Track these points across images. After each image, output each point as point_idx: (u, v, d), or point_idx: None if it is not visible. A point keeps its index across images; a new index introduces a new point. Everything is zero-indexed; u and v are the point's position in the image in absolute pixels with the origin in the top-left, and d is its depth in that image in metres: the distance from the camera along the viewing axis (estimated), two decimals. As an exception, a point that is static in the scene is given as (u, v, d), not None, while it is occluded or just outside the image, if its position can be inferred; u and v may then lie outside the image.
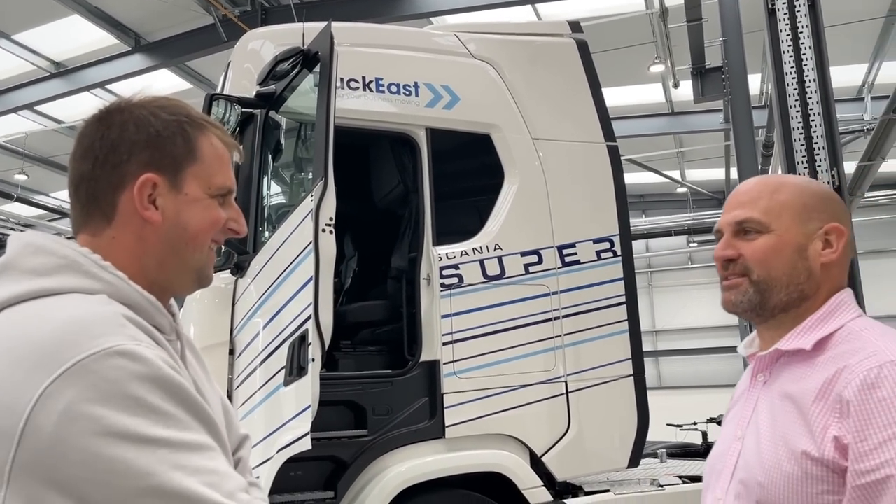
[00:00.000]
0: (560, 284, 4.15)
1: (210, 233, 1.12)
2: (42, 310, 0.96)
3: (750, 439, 1.28)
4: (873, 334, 1.22)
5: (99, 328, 0.92)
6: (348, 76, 3.93)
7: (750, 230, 1.33)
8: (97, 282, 1.00)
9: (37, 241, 1.03)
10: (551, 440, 3.99)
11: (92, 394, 0.86)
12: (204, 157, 1.12)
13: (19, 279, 0.99)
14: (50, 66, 11.20)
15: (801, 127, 3.82)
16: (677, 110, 13.17)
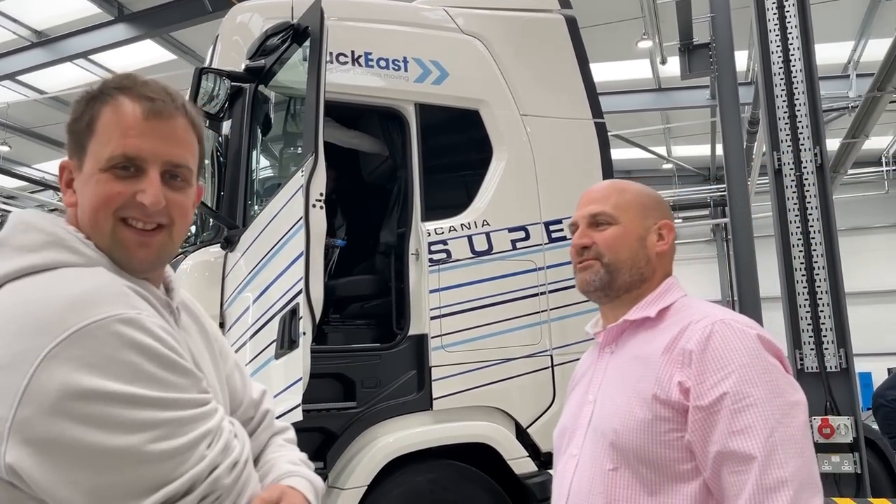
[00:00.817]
0: (546, 260, 4.20)
1: (104, 210, 1.07)
2: (45, 283, 1.00)
3: (603, 397, 1.50)
4: (701, 304, 1.53)
5: (107, 297, 0.98)
6: (337, 50, 3.92)
7: (602, 222, 1.58)
8: (80, 257, 1.05)
9: (27, 219, 1.08)
10: (536, 412, 4.07)
11: (92, 359, 0.91)
12: (100, 129, 1.09)
13: (11, 256, 1.03)
14: (31, 35, 11.01)
15: (785, 105, 3.87)
16: (664, 86, 13.17)
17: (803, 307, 4.31)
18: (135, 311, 0.99)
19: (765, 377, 1.30)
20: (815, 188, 4.06)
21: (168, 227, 1.12)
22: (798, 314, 4.35)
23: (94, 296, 0.98)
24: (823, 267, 4.24)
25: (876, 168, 16.42)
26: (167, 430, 0.94)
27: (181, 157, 1.13)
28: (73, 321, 0.93)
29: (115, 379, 0.92)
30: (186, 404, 0.98)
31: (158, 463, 0.92)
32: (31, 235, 1.05)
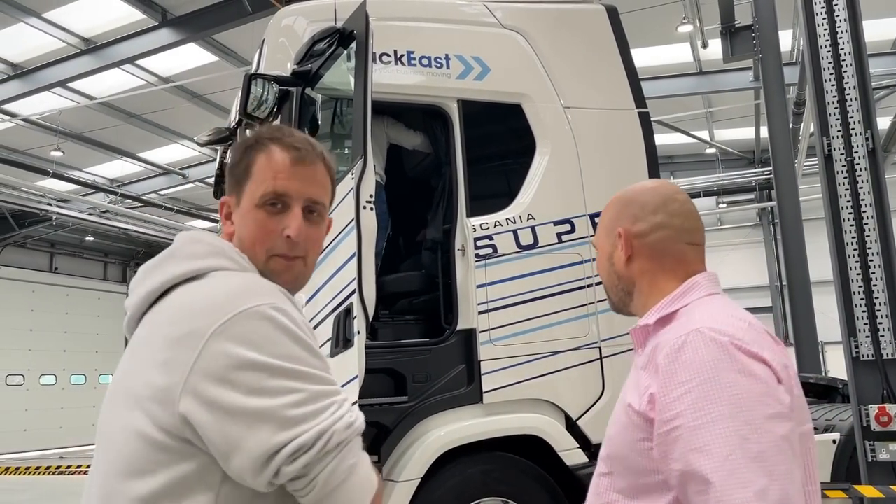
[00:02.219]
0: (593, 252, 4.21)
1: (260, 245, 1.30)
2: (211, 281, 1.23)
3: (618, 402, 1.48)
4: (700, 308, 1.39)
5: (263, 290, 1.21)
6: (380, 50, 3.98)
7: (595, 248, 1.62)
8: (237, 264, 1.27)
9: (195, 234, 1.33)
10: (586, 404, 4.09)
11: (250, 336, 1.13)
12: (256, 172, 1.32)
13: (181, 261, 1.26)
14: (80, 42, 11.33)
15: (834, 89, 3.79)
16: (706, 69, 12.95)
17: (857, 294, 4.23)
18: (285, 303, 1.20)
19: (729, 392, 1.20)
20: (867, 173, 3.98)
21: (304, 258, 1.34)
22: (852, 301, 4.27)
23: (252, 288, 1.20)
24: (878, 253, 4.15)
25: (930, 145, 15.86)
26: (304, 397, 1.13)
27: (319, 195, 1.35)
28: (236, 305, 1.15)
29: (267, 354, 1.12)
30: (320, 380, 1.18)
31: (295, 424, 1.11)
32: (198, 246, 1.28)
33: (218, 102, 13.57)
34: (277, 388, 1.11)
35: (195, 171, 16.91)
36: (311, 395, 1.14)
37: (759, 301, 18.62)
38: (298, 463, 1.10)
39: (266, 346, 1.12)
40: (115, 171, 16.99)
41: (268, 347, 1.13)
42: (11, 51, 11.50)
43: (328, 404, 1.16)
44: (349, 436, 1.17)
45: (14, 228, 17.64)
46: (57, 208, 16.01)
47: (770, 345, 1.31)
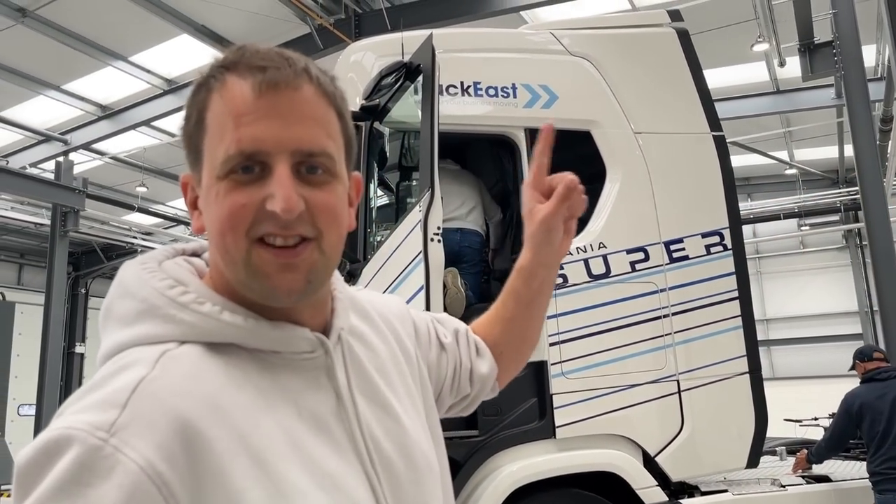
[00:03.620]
0: (668, 281, 4.07)
1: (231, 232, 0.79)
2: (104, 373, 0.78)
3: None
4: None
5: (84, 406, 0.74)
6: (447, 82, 3.99)
7: None
8: (176, 325, 0.80)
9: (126, 279, 0.85)
10: (664, 440, 3.93)
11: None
12: (210, 124, 0.82)
13: (110, 331, 0.83)
14: (163, 83, 11.90)
15: (928, 107, 3.56)
16: (783, 88, 12.51)
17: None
18: (82, 428, 0.70)
19: None
20: (967, 194, 3.70)
21: (315, 239, 0.81)
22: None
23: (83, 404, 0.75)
24: (982, 279, 3.85)
25: None
26: None
27: (315, 140, 0.81)
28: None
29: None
30: None
31: None
32: (126, 303, 0.84)
33: (291, 136, 13.96)
34: None
35: (270, 202, 17.41)
36: None
37: (847, 328, 17.66)
38: None
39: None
40: (195, 204, 17.68)
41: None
42: (100, 93, 12.17)
43: None
44: None
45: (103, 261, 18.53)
46: (142, 241, 16.74)
47: None
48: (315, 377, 0.87)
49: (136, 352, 0.79)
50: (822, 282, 18.08)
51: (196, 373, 0.78)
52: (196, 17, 10.23)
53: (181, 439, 0.72)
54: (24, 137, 13.10)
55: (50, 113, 12.39)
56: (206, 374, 0.79)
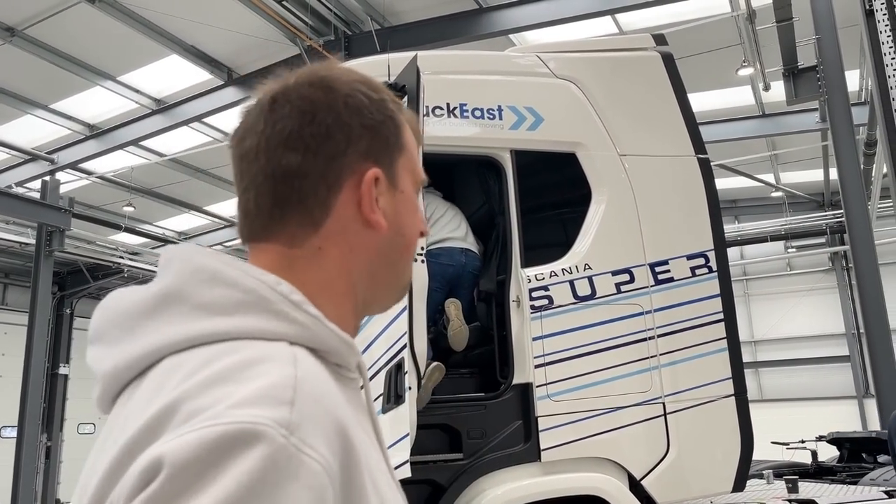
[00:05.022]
0: (654, 303, 4.07)
1: (415, 244, 0.91)
2: (236, 364, 0.70)
3: None
4: None
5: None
6: (433, 103, 4.00)
7: None
8: (289, 324, 0.75)
9: (211, 266, 0.78)
10: (650, 463, 3.90)
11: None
12: (408, 145, 0.91)
13: (190, 317, 0.75)
14: (151, 103, 11.90)
15: (908, 130, 3.61)
16: (769, 111, 12.66)
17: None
18: (267, 423, 0.64)
19: None
20: (948, 217, 3.74)
21: None
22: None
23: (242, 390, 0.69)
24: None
25: None
26: None
27: None
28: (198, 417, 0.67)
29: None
30: None
31: None
32: (218, 290, 0.76)
33: (280, 156, 13.95)
34: None
35: (258, 222, 17.33)
36: None
37: (834, 350, 17.73)
38: None
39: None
40: (183, 224, 17.62)
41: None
42: (88, 112, 12.15)
43: None
44: None
45: (88, 281, 18.38)
46: (128, 261, 16.64)
47: None
48: (357, 397, 0.85)
49: (256, 346, 0.72)
50: (810, 304, 18.17)
51: (327, 379, 0.74)
52: (185, 37, 10.26)
53: (342, 446, 0.69)
54: (11, 156, 13.04)
55: (37, 132, 12.35)
56: (326, 373, 0.75)
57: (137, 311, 0.78)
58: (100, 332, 0.81)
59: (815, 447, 6.31)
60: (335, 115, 0.84)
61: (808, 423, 8.70)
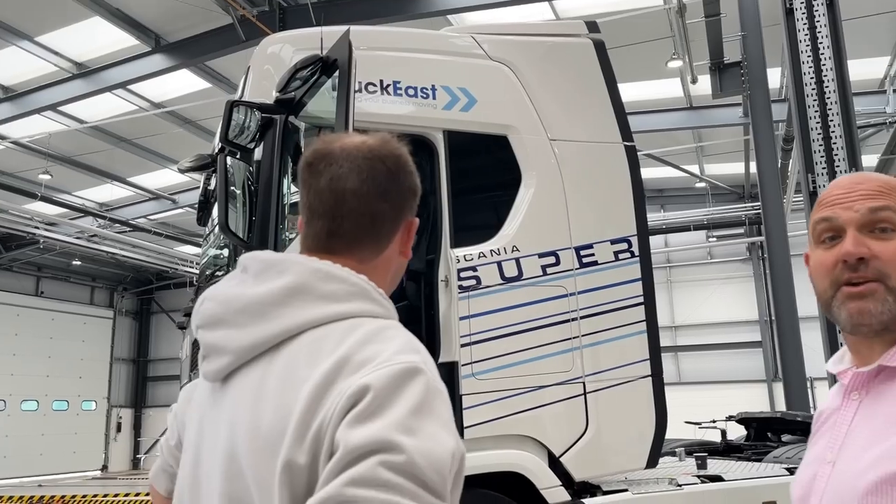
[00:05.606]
0: (578, 285, 4.16)
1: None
2: (372, 331, 1.07)
3: (843, 462, 1.15)
4: None
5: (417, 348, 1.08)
6: (366, 80, 3.96)
7: (887, 227, 1.16)
8: (381, 308, 1.13)
9: (325, 268, 1.13)
10: (569, 440, 4.01)
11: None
12: None
13: (318, 303, 1.09)
14: (72, 67, 11.35)
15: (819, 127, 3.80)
16: (696, 104, 13.07)
17: (843, 332, 4.19)
18: (427, 365, 1.07)
19: None
20: (852, 210, 3.94)
21: None
22: (837, 337, 4.24)
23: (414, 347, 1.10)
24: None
25: (917, 183, 16.00)
26: None
27: None
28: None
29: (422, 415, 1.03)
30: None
31: None
32: (334, 285, 1.11)
33: (210, 128, 13.59)
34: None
35: (185, 196, 16.87)
36: None
37: (748, 336, 18.59)
38: None
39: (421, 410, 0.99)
40: (105, 195, 16.93)
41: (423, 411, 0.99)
42: (2, 74, 11.51)
43: None
44: None
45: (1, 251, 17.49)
46: (44, 232, 15.90)
47: None
48: None
49: (372, 321, 1.09)
50: (727, 291, 18.95)
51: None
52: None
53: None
54: (-85, 116, 12.23)
55: (-55, 92, 11.64)
56: None
57: (268, 302, 1.09)
58: (222, 318, 1.13)
59: (725, 427, 6.63)
60: (410, 179, 1.23)
61: (722, 405, 9.10)
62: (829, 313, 1.22)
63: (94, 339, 21.84)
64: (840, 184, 1.24)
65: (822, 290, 1.21)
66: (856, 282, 1.15)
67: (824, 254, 1.21)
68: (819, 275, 1.22)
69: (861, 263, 1.15)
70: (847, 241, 1.16)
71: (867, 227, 1.17)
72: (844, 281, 1.17)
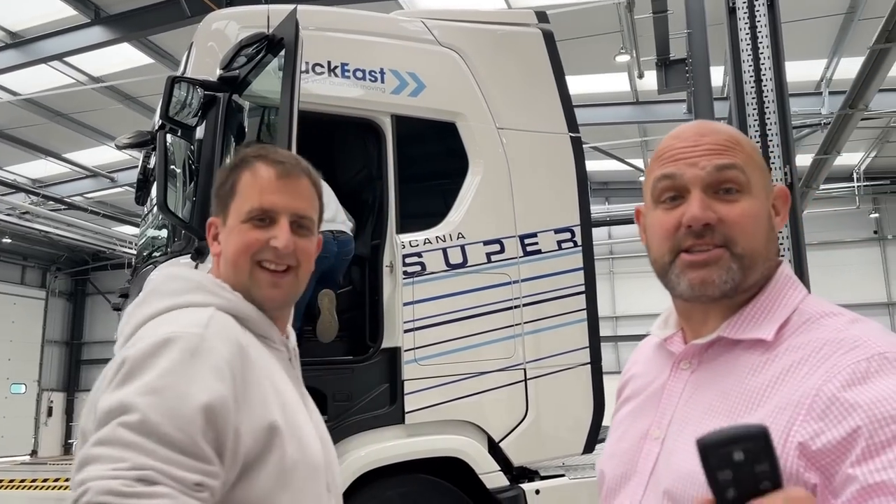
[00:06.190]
0: (521, 273, 4.21)
1: (244, 255, 1.30)
2: (167, 317, 1.24)
3: (675, 439, 1.05)
4: (839, 321, 1.00)
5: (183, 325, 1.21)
6: (314, 60, 3.91)
7: (731, 188, 1.04)
8: (217, 298, 1.27)
9: (170, 273, 1.35)
10: (509, 426, 4.07)
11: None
12: (241, 189, 1.33)
13: (161, 299, 1.28)
14: (6, 36, 10.84)
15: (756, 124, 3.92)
16: (642, 100, 13.30)
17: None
18: (190, 330, 1.19)
19: None
20: (785, 206, 4.09)
21: (295, 268, 1.32)
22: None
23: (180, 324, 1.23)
24: (793, 284, 4.27)
25: (848, 184, 16.69)
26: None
27: (306, 209, 1.35)
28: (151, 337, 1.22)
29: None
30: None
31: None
32: (177, 283, 1.31)
33: (152, 106, 13.17)
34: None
35: (124, 175, 16.34)
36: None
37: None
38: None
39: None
40: (39, 171, 16.25)
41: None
42: (-71, 40, 10.92)
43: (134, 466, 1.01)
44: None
45: (-76, 227, 16.68)
46: (-28, 208, 15.20)
47: None
48: (288, 366, 1.38)
49: (191, 309, 1.24)
50: (667, 283, 19.40)
51: (235, 324, 1.26)
52: (47, -34, 9.39)
53: (240, 355, 1.19)
54: None
55: None
56: (240, 328, 1.26)
57: (133, 305, 1.32)
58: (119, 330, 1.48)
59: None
60: (222, 188, 1.38)
61: (658, 393, 9.36)
62: (664, 279, 1.10)
63: (25, 321, 21.04)
64: (682, 135, 1.10)
65: (659, 254, 1.09)
66: (699, 249, 1.03)
67: (665, 215, 1.07)
68: (658, 238, 1.09)
69: (707, 229, 1.02)
70: (693, 205, 1.03)
71: (712, 188, 1.04)
72: (686, 247, 1.05)
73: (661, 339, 1.18)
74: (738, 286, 1.04)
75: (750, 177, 1.05)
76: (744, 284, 1.04)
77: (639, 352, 1.32)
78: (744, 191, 1.05)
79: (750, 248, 1.03)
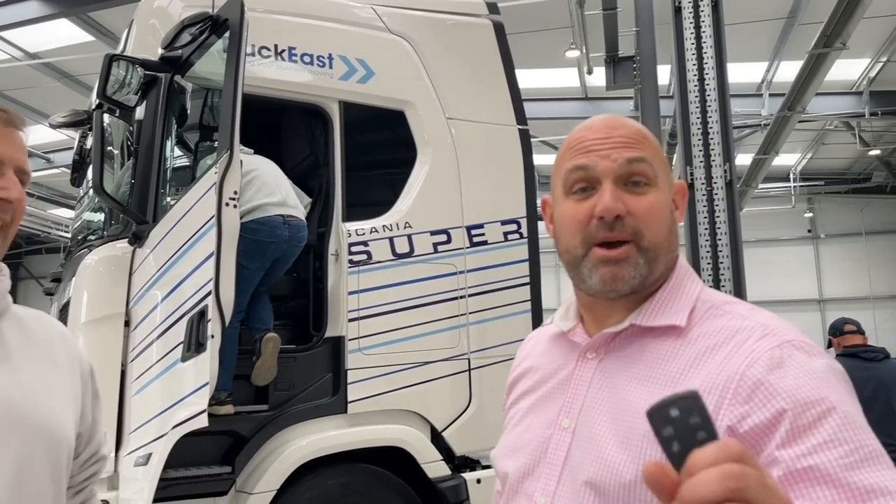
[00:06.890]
0: (467, 264, 4.22)
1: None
2: None
3: (586, 429, 1.05)
4: (741, 309, 1.05)
5: None
6: (260, 43, 3.83)
7: (640, 181, 1.06)
8: None
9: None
10: (452, 416, 4.08)
11: None
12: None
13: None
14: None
15: (699, 122, 4.01)
16: (591, 95, 13.47)
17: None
18: None
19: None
20: (724, 203, 4.24)
21: (9, 224, 1.27)
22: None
23: None
24: (729, 279, 4.42)
25: (785, 183, 17.28)
26: None
27: (27, 163, 1.28)
28: None
29: None
30: None
31: None
32: None
33: (91, 84, 12.71)
34: None
35: (61, 156, 15.75)
36: None
37: (629, 320, 19.46)
38: None
39: None
40: (-31, 149, 15.55)
41: None
42: None
43: None
44: None
45: None
46: None
47: None
48: None
49: None
50: (611, 277, 19.75)
51: None
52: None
53: None
54: None
55: None
56: None
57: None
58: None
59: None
60: None
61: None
62: (573, 272, 1.10)
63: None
64: (594, 126, 1.11)
65: (570, 245, 1.09)
66: (611, 242, 1.05)
67: (576, 206, 1.08)
68: (568, 229, 1.09)
69: (618, 221, 1.04)
70: (605, 196, 1.04)
71: (622, 180, 1.06)
72: (600, 240, 1.05)
73: (562, 330, 1.18)
74: (644, 280, 1.06)
75: (657, 171, 1.08)
76: (650, 279, 1.07)
77: (529, 346, 1.31)
78: (651, 184, 1.07)
79: (655, 240, 1.06)
